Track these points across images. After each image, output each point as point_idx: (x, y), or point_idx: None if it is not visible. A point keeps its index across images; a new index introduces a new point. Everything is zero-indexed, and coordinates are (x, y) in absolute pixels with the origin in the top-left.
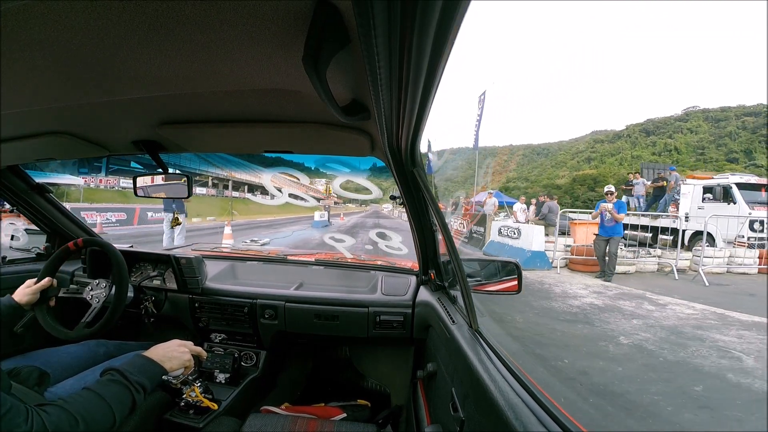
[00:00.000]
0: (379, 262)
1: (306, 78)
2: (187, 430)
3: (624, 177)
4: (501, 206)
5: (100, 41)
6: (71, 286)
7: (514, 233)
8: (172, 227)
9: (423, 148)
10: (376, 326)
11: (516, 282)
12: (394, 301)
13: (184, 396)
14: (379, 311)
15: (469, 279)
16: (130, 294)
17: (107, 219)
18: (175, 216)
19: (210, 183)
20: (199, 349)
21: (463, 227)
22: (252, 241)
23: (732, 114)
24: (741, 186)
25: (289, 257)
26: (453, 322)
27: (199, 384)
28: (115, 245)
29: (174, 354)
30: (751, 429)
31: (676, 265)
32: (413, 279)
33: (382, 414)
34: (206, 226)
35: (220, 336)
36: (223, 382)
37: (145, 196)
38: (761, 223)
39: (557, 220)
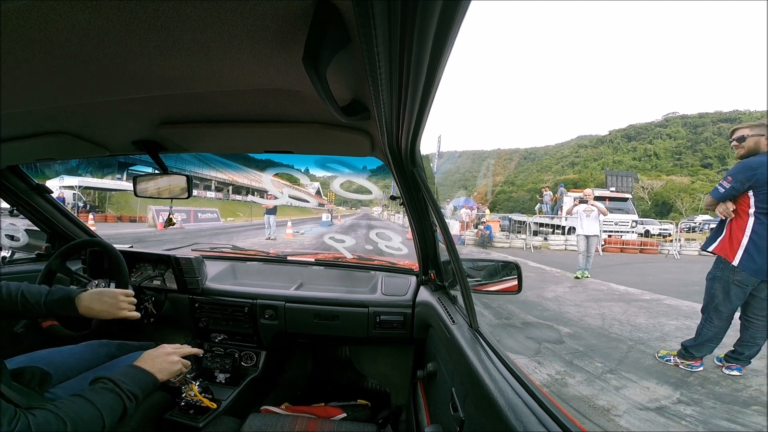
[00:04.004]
0: (378, 262)
1: (306, 78)
2: (187, 430)
3: (602, 181)
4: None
5: (100, 41)
6: (71, 287)
7: None
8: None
9: (425, 148)
10: (376, 326)
11: (516, 282)
12: (394, 301)
13: (183, 395)
14: (379, 311)
15: (469, 279)
16: None
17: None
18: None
19: (213, 186)
20: (189, 349)
21: None
22: (296, 231)
23: (709, 120)
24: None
25: (289, 257)
26: (453, 322)
27: (198, 383)
28: (114, 245)
29: (163, 366)
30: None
31: (526, 244)
32: (413, 279)
33: (382, 414)
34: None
35: (220, 336)
36: (223, 382)
37: (144, 197)
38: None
39: (484, 219)
